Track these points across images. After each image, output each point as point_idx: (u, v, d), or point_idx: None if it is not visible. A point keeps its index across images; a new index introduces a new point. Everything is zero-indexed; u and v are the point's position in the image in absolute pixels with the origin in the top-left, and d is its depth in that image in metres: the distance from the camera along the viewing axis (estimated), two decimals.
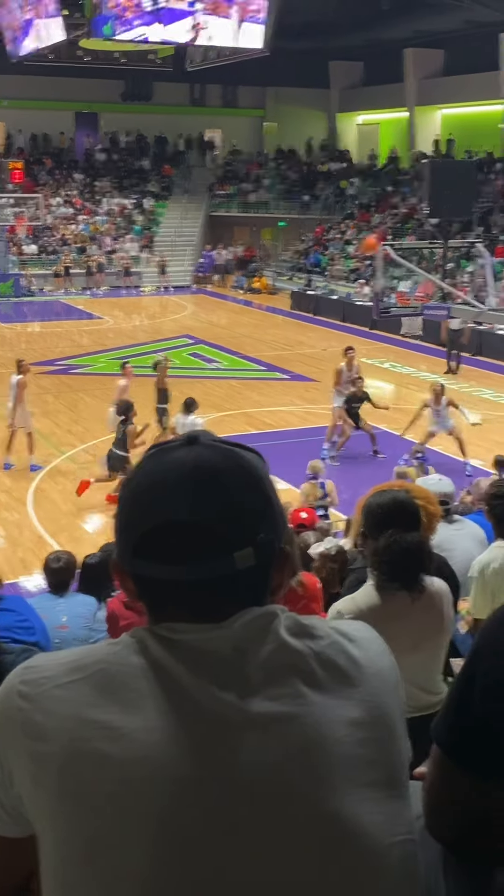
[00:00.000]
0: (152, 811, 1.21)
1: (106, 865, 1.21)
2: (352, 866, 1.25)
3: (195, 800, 1.22)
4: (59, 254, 39.28)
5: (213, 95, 47.11)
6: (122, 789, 1.22)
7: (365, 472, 15.46)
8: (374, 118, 47.31)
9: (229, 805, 1.22)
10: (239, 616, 1.32)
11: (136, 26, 17.88)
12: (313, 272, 38.85)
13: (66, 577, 6.64)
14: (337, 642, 1.36)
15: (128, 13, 17.64)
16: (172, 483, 1.32)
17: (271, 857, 1.22)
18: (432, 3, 32.86)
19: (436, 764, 1.45)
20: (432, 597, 3.81)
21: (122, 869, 1.21)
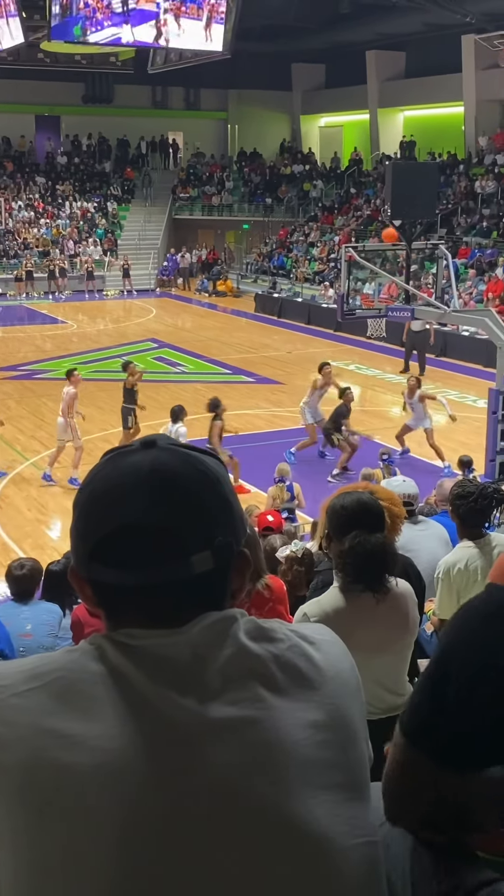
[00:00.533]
0: (113, 819, 1.20)
1: (68, 876, 1.19)
2: (312, 869, 1.24)
3: (156, 807, 1.21)
4: (21, 258, 39.06)
5: (175, 98, 47.04)
6: (83, 798, 1.20)
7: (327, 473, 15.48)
8: (337, 120, 47.47)
9: (190, 811, 1.22)
10: (198, 621, 1.31)
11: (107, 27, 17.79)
12: (278, 275, 38.89)
13: (30, 584, 6.57)
14: (297, 645, 1.35)
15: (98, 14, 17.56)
16: (129, 487, 1.31)
17: (232, 861, 1.21)
18: (392, 5, 32.96)
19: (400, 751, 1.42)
20: (397, 598, 3.82)
21: (84, 879, 1.19)
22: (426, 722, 1.39)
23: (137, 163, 46.48)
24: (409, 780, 1.42)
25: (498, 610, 1.38)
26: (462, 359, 25.11)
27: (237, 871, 1.21)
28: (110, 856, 1.19)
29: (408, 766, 1.42)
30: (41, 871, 1.21)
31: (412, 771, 1.41)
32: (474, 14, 32.64)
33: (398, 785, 1.44)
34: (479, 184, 35.41)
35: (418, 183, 16.45)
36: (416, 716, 1.41)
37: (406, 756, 1.42)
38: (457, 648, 1.39)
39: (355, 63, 41.21)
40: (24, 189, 43.21)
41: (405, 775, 1.42)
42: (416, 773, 1.40)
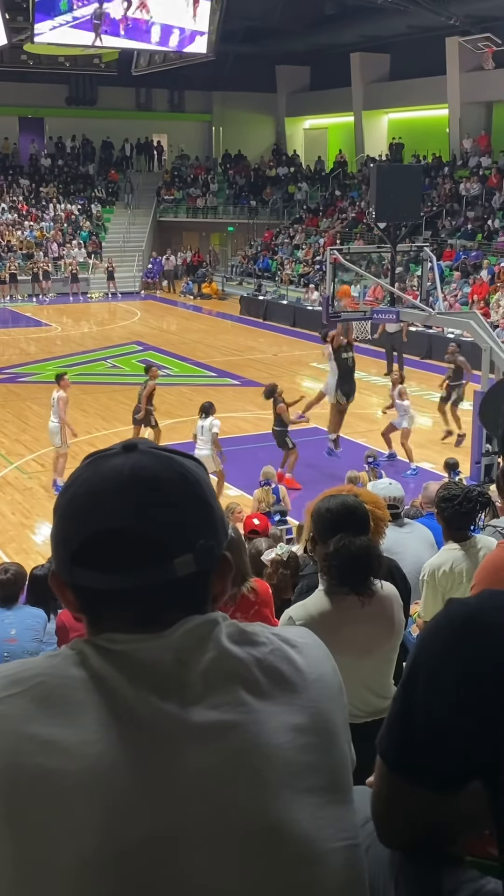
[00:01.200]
0: (95, 824, 1.19)
1: (50, 881, 1.19)
2: (294, 872, 1.24)
3: (138, 811, 1.21)
4: (5, 260, 38.94)
5: (159, 100, 46.99)
6: (65, 804, 1.20)
7: (318, 477, 15.46)
8: (322, 123, 47.50)
9: (172, 815, 1.22)
10: (180, 625, 1.31)
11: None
12: (263, 277, 38.89)
13: (14, 589, 6.56)
14: (279, 649, 1.36)
15: None
16: (110, 490, 1.31)
17: (213, 864, 1.22)
18: (376, 7, 33.01)
19: (382, 777, 1.44)
20: (382, 601, 3.82)
21: (67, 884, 1.19)
22: (399, 743, 1.41)
23: (122, 165, 46.40)
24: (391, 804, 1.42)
25: (458, 626, 1.40)
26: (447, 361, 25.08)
27: (219, 875, 1.22)
28: (93, 861, 1.18)
29: (387, 789, 1.42)
30: (24, 876, 1.20)
31: (392, 794, 1.42)
32: (458, 16, 32.74)
33: (382, 808, 1.44)
34: (463, 186, 35.49)
35: (403, 185, 16.47)
36: (389, 737, 1.43)
37: (384, 779, 1.42)
38: (421, 667, 1.40)
39: (340, 65, 41.27)
40: (8, 191, 43.06)
41: (387, 799, 1.43)
42: (395, 796, 1.41)
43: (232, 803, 1.23)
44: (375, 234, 24.91)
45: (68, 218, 42.74)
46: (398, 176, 17.65)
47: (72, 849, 1.19)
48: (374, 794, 1.46)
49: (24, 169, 44.79)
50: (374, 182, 16.49)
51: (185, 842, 1.21)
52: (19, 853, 1.20)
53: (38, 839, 1.20)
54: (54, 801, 1.20)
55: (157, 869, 1.20)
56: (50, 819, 1.20)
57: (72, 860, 1.19)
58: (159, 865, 1.20)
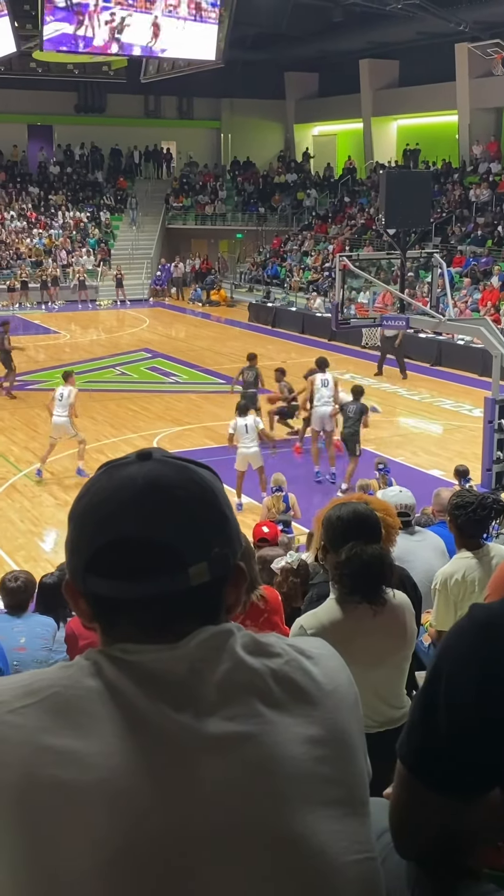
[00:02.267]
0: (111, 836, 1.19)
1: (65, 890, 1.19)
2: (310, 885, 1.23)
3: (154, 822, 1.20)
4: (14, 268, 39.00)
5: (168, 107, 47.11)
6: (80, 815, 1.19)
7: (328, 485, 15.44)
8: (331, 129, 47.54)
9: (188, 826, 1.21)
10: (194, 635, 1.30)
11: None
12: (272, 284, 38.88)
13: (24, 597, 6.54)
14: (294, 660, 1.35)
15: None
16: (125, 499, 1.31)
17: (228, 876, 1.21)
18: (385, 14, 33.04)
19: (402, 784, 1.43)
20: (394, 609, 3.78)
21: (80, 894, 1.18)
22: (420, 748, 1.40)
23: (130, 172, 46.49)
24: (410, 812, 1.41)
25: (481, 630, 1.39)
26: (457, 368, 25.10)
27: (234, 886, 1.21)
28: (109, 872, 1.18)
29: (406, 795, 1.40)
30: (40, 885, 1.19)
31: (411, 801, 1.40)
32: (467, 22, 32.77)
33: (402, 818, 1.42)
34: (473, 192, 35.47)
35: (412, 192, 16.44)
36: (410, 742, 1.42)
37: (404, 785, 1.40)
38: (444, 671, 1.39)
39: (348, 72, 41.33)
40: (17, 199, 43.16)
41: (406, 806, 1.41)
42: (415, 803, 1.40)
43: (247, 815, 1.23)
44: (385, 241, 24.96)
45: (77, 225, 42.81)
46: (408, 182, 17.62)
47: (87, 859, 1.18)
48: (393, 801, 1.45)
49: (33, 176, 44.91)
50: (384, 188, 16.46)
51: (201, 853, 1.20)
52: (34, 862, 1.20)
53: (53, 849, 1.19)
54: (69, 812, 1.20)
55: (173, 880, 1.19)
56: (65, 830, 1.19)
57: (87, 870, 1.18)
58: (174, 877, 1.19)
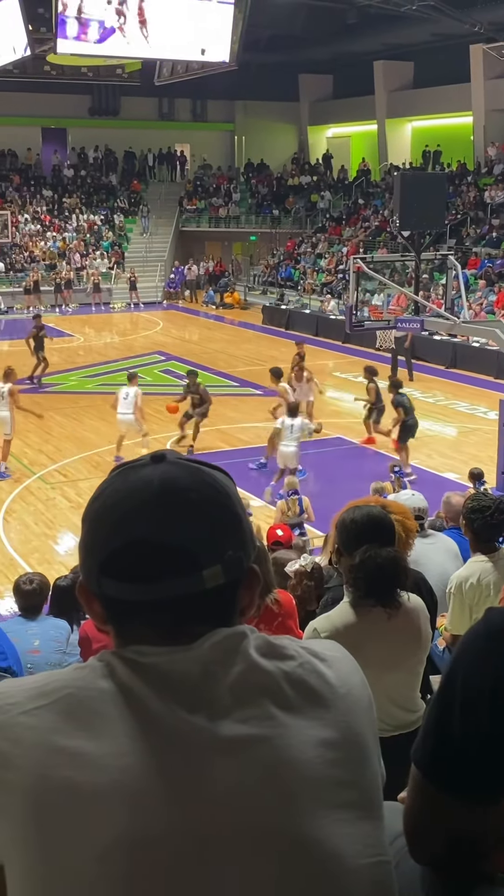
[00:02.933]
0: (123, 838, 1.19)
1: (77, 891, 1.19)
2: (323, 888, 1.23)
3: (166, 825, 1.20)
4: (28, 271, 39.10)
5: (181, 109, 47.16)
6: (92, 817, 1.20)
7: (343, 488, 15.40)
8: (345, 131, 47.54)
9: (200, 829, 1.21)
10: (208, 637, 1.30)
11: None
12: (285, 286, 38.87)
13: (38, 599, 6.53)
14: (308, 662, 1.35)
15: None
16: (139, 501, 1.31)
17: (241, 879, 1.21)
18: (399, 15, 33.00)
19: (416, 788, 1.42)
20: (409, 613, 3.76)
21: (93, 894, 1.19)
22: (434, 752, 1.39)
23: (144, 175, 46.56)
24: (425, 816, 1.40)
25: (497, 634, 1.39)
26: (472, 370, 25.02)
27: (247, 888, 1.21)
28: (121, 874, 1.18)
29: (421, 799, 1.39)
30: (52, 886, 1.20)
31: (426, 806, 1.40)
32: (482, 23, 32.71)
33: (416, 822, 1.41)
34: (488, 194, 35.40)
35: (427, 193, 16.41)
36: (424, 745, 1.41)
37: (419, 789, 1.39)
38: (459, 675, 1.39)
39: (363, 73, 41.32)
40: (31, 202, 43.28)
41: (420, 811, 1.40)
42: (429, 807, 1.39)
43: (261, 817, 1.22)
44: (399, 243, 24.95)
45: (91, 228, 42.89)
46: (422, 184, 17.59)
47: (99, 860, 1.18)
48: (407, 805, 1.44)
49: (47, 179, 45.00)
50: (398, 190, 16.44)
51: (214, 856, 1.20)
52: (47, 862, 1.20)
53: (66, 849, 1.20)
54: (82, 813, 1.20)
55: (184, 882, 1.19)
56: (77, 830, 1.20)
57: (99, 871, 1.18)
58: (186, 879, 1.19)
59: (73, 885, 1.19)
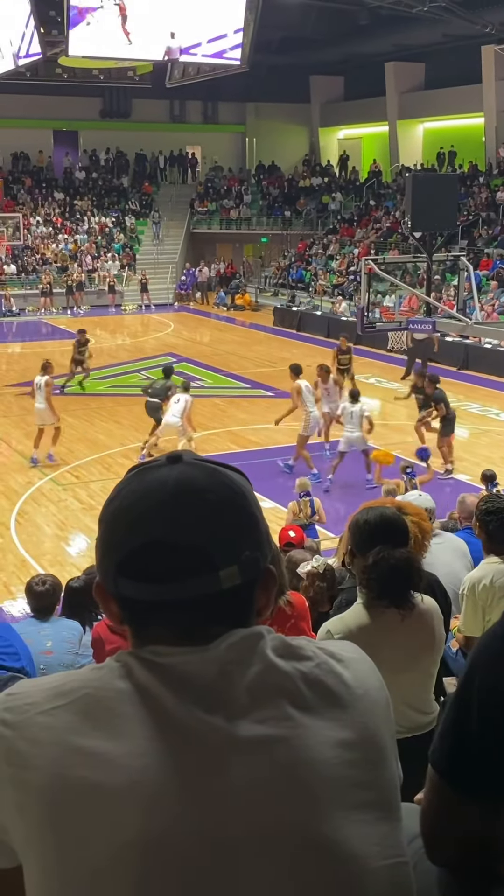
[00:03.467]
0: (140, 838, 1.19)
1: (95, 892, 1.20)
2: (342, 889, 1.23)
3: (183, 825, 1.20)
4: (40, 273, 39.19)
5: (193, 112, 47.22)
6: (109, 816, 1.20)
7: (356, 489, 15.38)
8: (356, 132, 47.51)
9: (218, 829, 1.21)
10: (224, 638, 1.31)
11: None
12: (297, 288, 38.86)
13: (51, 600, 6.53)
14: (325, 663, 1.35)
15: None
16: (155, 502, 1.31)
17: (259, 879, 1.21)
18: (410, 16, 32.97)
19: (433, 790, 1.43)
20: (422, 615, 3.75)
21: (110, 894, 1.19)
22: (452, 753, 1.40)
23: (155, 177, 46.63)
24: (442, 818, 1.39)
25: None
26: (484, 371, 24.96)
27: (265, 890, 1.21)
28: (138, 873, 1.19)
29: (438, 801, 1.39)
30: (70, 885, 1.21)
31: (443, 807, 1.39)
32: (494, 24, 32.64)
33: (433, 824, 1.41)
34: (500, 195, 35.35)
35: (438, 194, 16.40)
36: (442, 747, 1.42)
37: (436, 791, 1.39)
38: (476, 676, 1.39)
39: (374, 75, 41.31)
40: (43, 204, 43.38)
41: (437, 813, 1.39)
42: (447, 809, 1.39)
43: (278, 818, 1.22)
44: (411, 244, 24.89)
45: (102, 230, 42.96)
46: (434, 185, 17.58)
47: (116, 860, 1.19)
48: (424, 807, 1.45)
49: (59, 182, 45.09)
50: (410, 191, 16.43)
51: (231, 856, 1.20)
52: (64, 862, 1.21)
53: (83, 849, 1.20)
54: (99, 813, 1.20)
55: (201, 882, 1.20)
56: (94, 830, 1.20)
57: (116, 871, 1.19)
58: (203, 879, 1.20)
59: (89, 884, 1.20)
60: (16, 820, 1.26)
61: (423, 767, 1.44)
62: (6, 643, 4.41)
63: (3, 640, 4.43)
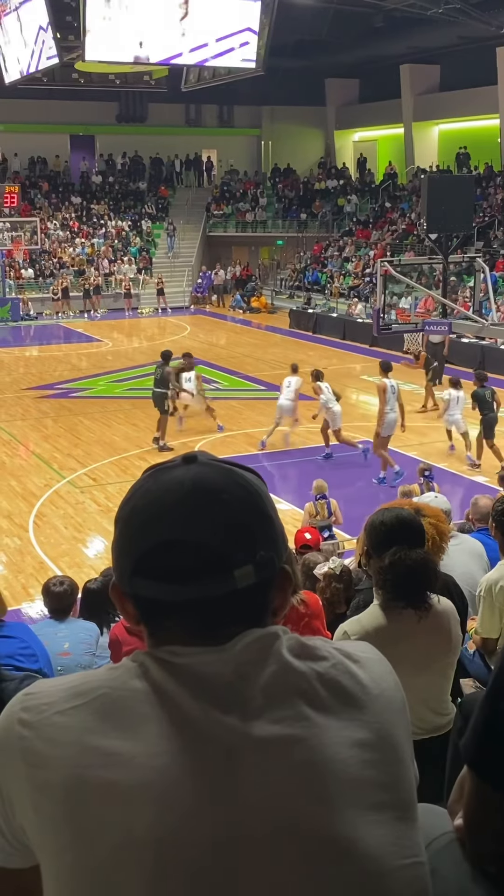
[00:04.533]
0: (157, 838, 1.19)
1: (111, 891, 1.20)
2: (359, 890, 1.23)
3: (199, 825, 1.21)
4: (57, 277, 39.31)
5: (208, 115, 47.27)
6: (125, 816, 1.20)
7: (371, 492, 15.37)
8: (372, 135, 47.45)
9: (234, 829, 1.21)
10: (240, 638, 1.31)
11: None
12: (312, 290, 38.85)
13: (68, 601, 6.56)
14: (341, 663, 1.35)
15: None
16: (171, 502, 1.32)
17: (276, 879, 1.21)
18: (426, 18, 32.92)
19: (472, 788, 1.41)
20: (439, 616, 3.75)
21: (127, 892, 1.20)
22: (487, 750, 1.38)
23: (171, 181, 46.70)
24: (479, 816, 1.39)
25: None
26: (500, 373, 24.82)
27: (282, 890, 1.21)
28: (154, 874, 1.19)
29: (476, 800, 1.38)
30: (86, 885, 1.21)
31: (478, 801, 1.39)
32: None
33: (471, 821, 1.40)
34: None
35: (454, 196, 16.39)
36: (476, 744, 1.40)
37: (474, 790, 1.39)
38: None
39: (389, 77, 41.23)
40: (60, 209, 43.52)
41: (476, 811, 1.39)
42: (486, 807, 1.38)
43: (295, 818, 1.22)
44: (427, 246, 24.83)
45: (119, 234, 43.05)
46: (450, 186, 17.56)
47: (132, 859, 1.19)
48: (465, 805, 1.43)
49: (76, 186, 45.24)
50: (426, 193, 16.43)
51: (247, 856, 1.20)
52: (81, 861, 1.21)
53: (100, 848, 1.20)
54: (116, 813, 1.20)
55: (217, 882, 1.20)
56: (111, 830, 1.20)
57: (132, 870, 1.19)
58: (219, 878, 1.20)
59: (104, 884, 1.20)
60: (33, 820, 1.27)
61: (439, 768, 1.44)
62: (24, 644, 4.44)
63: (21, 641, 4.45)
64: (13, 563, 12.66)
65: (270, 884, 1.20)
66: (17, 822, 1.30)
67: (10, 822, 1.31)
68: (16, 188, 41.41)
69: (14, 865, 1.35)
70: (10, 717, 1.32)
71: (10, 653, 4.26)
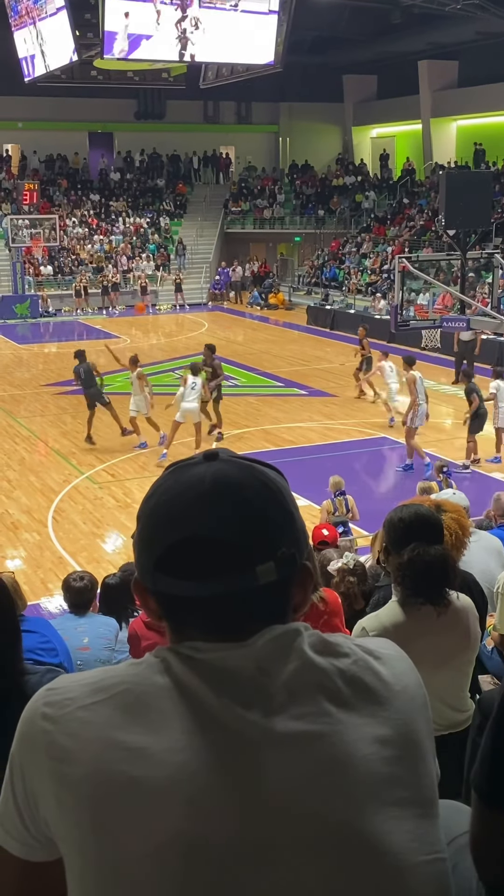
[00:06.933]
0: (179, 833, 1.20)
1: (134, 889, 1.21)
2: (381, 885, 1.23)
3: (222, 820, 1.21)
4: (76, 274, 39.40)
5: (226, 112, 47.26)
6: (148, 812, 1.21)
7: (388, 488, 15.38)
8: (389, 131, 47.34)
9: (256, 825, 1.21)
10: (262, 634, 1.31)
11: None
12: (330, 287, 38.79)
13: (88, 596, 6.58)
14: (362, 660, 1.35)
15: None
16: (193, 498, 1.32)
17: (299, 876, 1.21)
18: (444, 14, 32.82)
19: (478, 814, 1.42)
20: (458, 612, 3.74)
21: (151, 890, 1.20)
22: (495, 777, 1.38)
23: (189, 178, 46.72)
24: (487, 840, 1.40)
25: None
26: None
27: (304, 885, 1.21)
28: (177, 868, 1.19)
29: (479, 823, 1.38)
30: (110, 880, 1.22)
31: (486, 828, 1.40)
32: None
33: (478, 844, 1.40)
34: None
35: (472, 192, 16.33)
36: (483, 770, 1.40)
37: (481, 816, 1.38)
38: None
39: (407, 73, 41.12)
40: (78, 206, 43.60)
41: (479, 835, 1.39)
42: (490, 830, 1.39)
43: (317, 813, 1.23)
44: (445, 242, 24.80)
45: (137, 231, 43.08)
46: (468, 182, 17.50)
47: (154, 854, 1.20)
48: (472, 832, 1.43)
49: (94, 183, 45.30)
50: (444, 189, 16.37)
51: (270, 851, 1.21)
52: (103, 855, 1.22)
53: (122, 843, 1.21)
54: (139, 808, 1.21)
55: (240, 878, 1.20)
56: (134, 824, 1.21)
57: (154, 865, 1.20)
58: (242, 874, 1.20)
59: (128, 880, 1.21)
60: (56, 814, 1.28)
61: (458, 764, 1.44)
62: (44, 639, 4.46)
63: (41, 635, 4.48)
64: (32, 559, 12.71)
65: (293, 879, 1.21)
66: (40, 815, 1.31)
67: (34, 815, 1.32)
68: (35, 185, 41.45)
69: (38, 859, 1.36)
70: (33, 711, 1.33)
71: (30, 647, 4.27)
